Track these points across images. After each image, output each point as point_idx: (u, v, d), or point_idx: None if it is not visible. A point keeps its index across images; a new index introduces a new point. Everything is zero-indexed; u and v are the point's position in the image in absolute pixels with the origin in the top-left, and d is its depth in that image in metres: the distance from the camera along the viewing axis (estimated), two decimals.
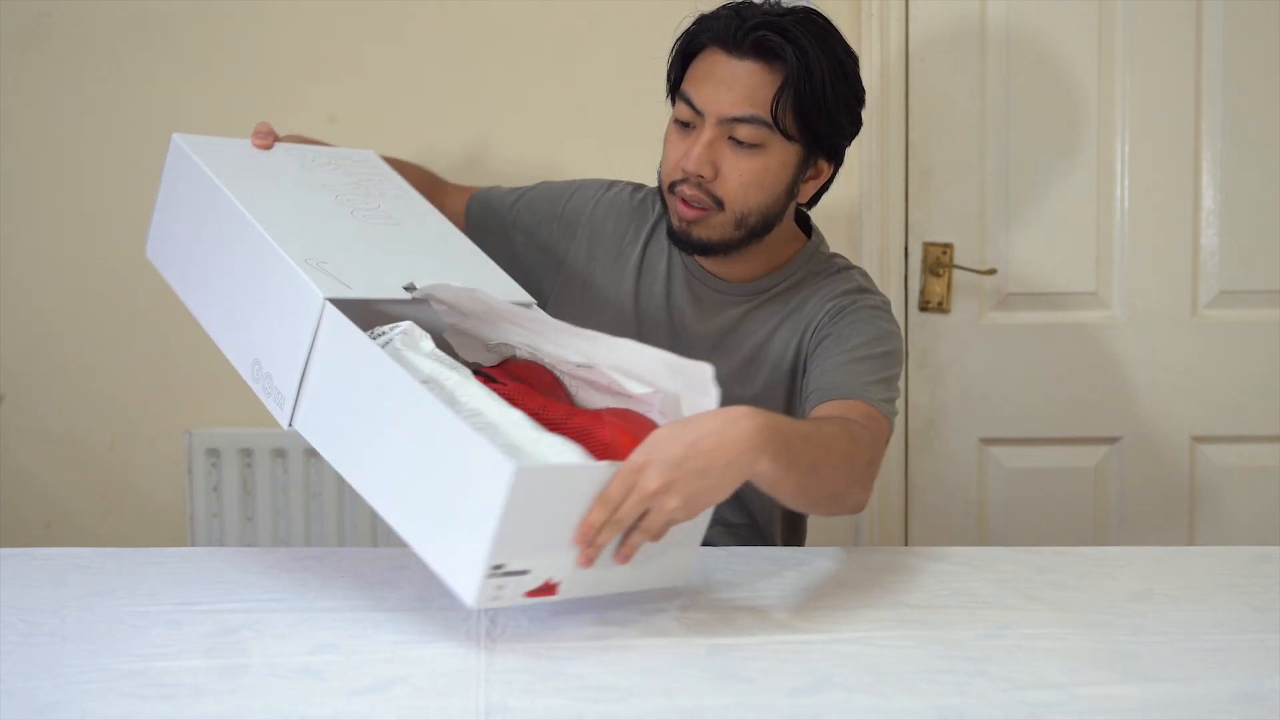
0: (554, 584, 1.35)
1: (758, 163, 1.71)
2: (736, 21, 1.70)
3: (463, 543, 1.30)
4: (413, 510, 1.37)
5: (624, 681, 1.25)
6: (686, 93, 1.73)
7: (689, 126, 1.73)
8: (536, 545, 1.31)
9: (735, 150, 1.71)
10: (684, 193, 1.73)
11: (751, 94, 1.69)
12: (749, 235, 1.75)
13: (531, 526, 1.30)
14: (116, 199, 2.57)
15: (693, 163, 1.70)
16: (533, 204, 1.96)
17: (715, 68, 1.71)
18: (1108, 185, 2.56)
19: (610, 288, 1.87)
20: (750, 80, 1.69)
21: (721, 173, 1.71)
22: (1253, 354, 2.57)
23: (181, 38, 2.55)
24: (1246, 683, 1.23)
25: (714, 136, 1.70)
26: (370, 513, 2.55)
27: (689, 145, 1.71)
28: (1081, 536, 2.59)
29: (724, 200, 1.72)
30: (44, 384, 2.59)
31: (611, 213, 1.92)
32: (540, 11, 2.54)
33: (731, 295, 1.84)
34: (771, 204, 1.74)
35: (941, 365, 2.58)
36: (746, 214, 1.73)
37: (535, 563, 1.32)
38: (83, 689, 1.23)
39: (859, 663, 1.29)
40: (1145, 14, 2.53)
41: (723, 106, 1.70)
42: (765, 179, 1.72)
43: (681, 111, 1.74)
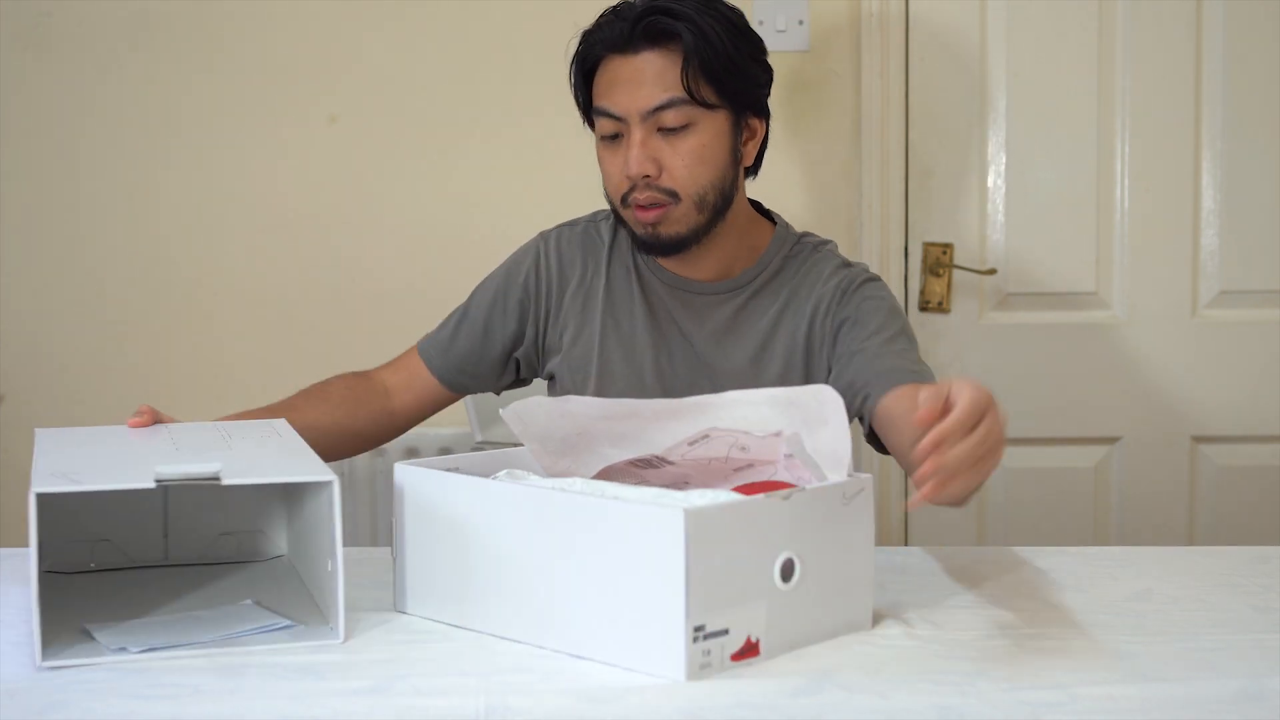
0: (755, 642, 1.28)
1: (694, 141, 1.71)
2: (620, 23, 1.71)
3: (657, 618, 1.23)
4: (598, 619, 1.28)
5: (624, 681, 1.24)
6: (601, 107, 1.74)
7: (616, 138, 1.74)
8: (728, 599, 1.25)
9: (668, 139, 1.71)
10: (637, 199, 1.73)
11: (661, 79, 1.70)
12: (714, 216, 1.75)
13: (717, 577, 1.24)
14: (116, 199, 2.57)
15: (634, 166, 1.70)
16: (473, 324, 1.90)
17: (618, 72, 1.72)
18: (1108, 185, 2.56)
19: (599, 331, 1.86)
20: (654, 68, 1.70)
21: (664, 165, 1.71)
22: (1253, 354, 2.57)
23: (181, 38, 2.55)
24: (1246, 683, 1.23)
25: (644, 134, 1.71)
26: (370, 512, 2.55)
27: (623, 153, 1.72)
28: (1081, 536, 2.59)
29: (677, 190, 1.72)
30: (44, 384, 2.59)
31: (560, 257, 1.88)
32: (540, 11, 2.55)
33: (719, 294, 1.83)
34: (722, 176, 1.74)
35: (941, 365, 2.58)
36: (703, 194, 1.73)
37: (731, 619, 1.26)
38: (83, 689, 1.23)
39: (859, 663, 1.29)
40: (1145, 14, 2.53)
41: (640, 102, 1.70)
42: (706, 154, 1.72)
43: (604, 126, 1.74)
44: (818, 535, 1.32)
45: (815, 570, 1.32)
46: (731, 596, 1.25)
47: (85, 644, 1.33)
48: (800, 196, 2.55)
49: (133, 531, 1.59)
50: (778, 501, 1.29)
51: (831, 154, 2.57)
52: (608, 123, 1.73)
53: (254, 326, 2.59)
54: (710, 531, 1.23)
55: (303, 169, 2.57)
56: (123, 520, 1.58)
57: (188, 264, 2.58)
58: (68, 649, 1.31)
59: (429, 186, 2.58)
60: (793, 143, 2.54)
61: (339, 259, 2.58)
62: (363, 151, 2.57)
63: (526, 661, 1.30)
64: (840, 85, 2.55)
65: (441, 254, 2.57)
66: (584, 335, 1.86)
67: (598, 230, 1.90)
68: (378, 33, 2.56)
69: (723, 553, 1.24)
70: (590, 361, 1.85)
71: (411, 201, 2.58)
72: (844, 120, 2.56)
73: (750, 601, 1.27)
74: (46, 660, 1.28)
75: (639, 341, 1.84)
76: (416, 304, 2.56)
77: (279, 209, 2.58)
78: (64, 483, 1.29)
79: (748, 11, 2.50)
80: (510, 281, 1.90)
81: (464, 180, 2.58)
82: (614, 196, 1.77)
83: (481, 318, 1.90)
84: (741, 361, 1.81)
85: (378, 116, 2.57)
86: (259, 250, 2.58)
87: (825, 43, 2.54)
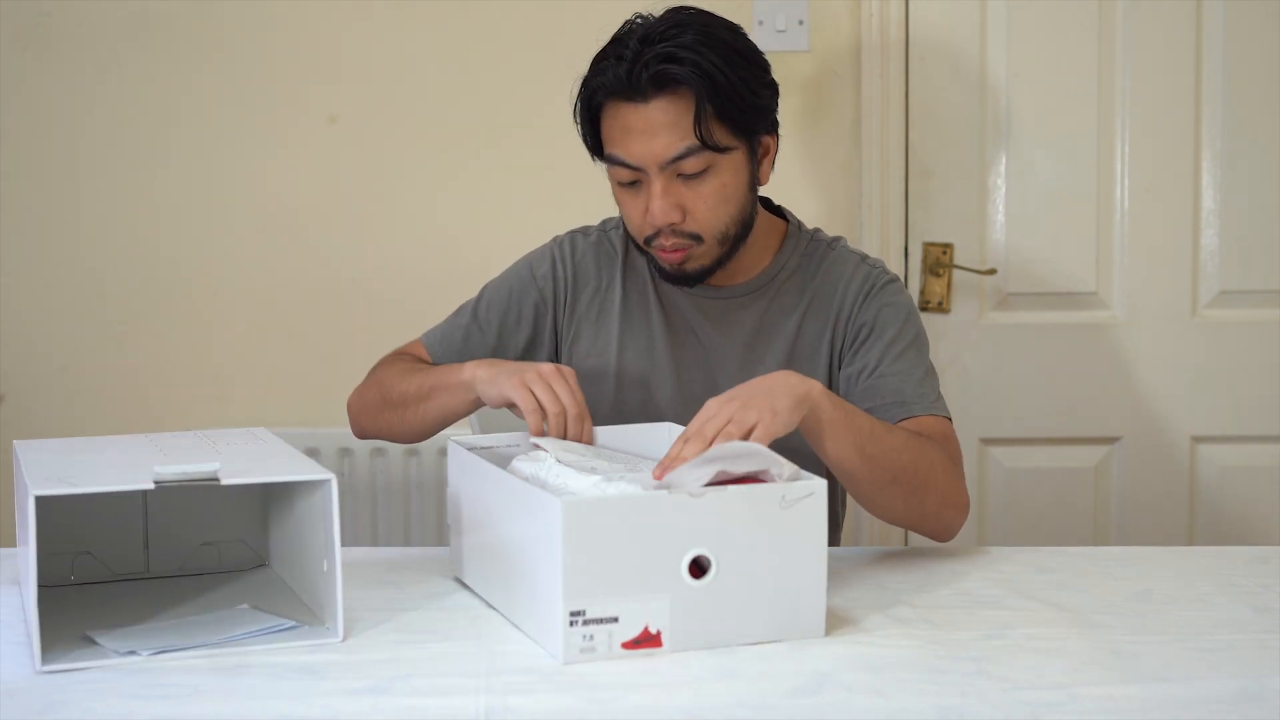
0: (656, 633, 1.31)
1: (714, 184, 1.69)
2: (623, 68, 1.66)
3: (544, 598, 1.31)
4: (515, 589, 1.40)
5: (624, 681, 1.24)
6: (616, 156, 1.71)
7: (634, 184, 1.72)
8: (617, 588, 1.29)
9: (689, 184, 1.69)
10: (662, 244, 1.72)
11: (675, 128, 1.66)
12: (735, 245, 1.75)
13: (603, 566, 1.28)
14: (116, 199, 2.57)
15: (659, 216, 1.69)
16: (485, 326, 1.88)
17: (628, 120, 1.68)
18: (1108, 185, 2.56)
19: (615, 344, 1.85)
20: (666, 117, 1.66)
21: (688, 210, 1.70)
22: (1253, 354, 2.57)
23: (181, 38, 2.55)
24: (1246, 683, 1.23)
25: (664, 184, 1.68)
26: (369, 512, 2.56)
27: (644, 201, 1.70)
28: (1081, 536, 2.59)
29: (701, 233, 1.71)
30: (44, 384, 2.59)
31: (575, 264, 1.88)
32: (540, 11, 2.55)
33: (740, 297, 1.83)
34: (742, 209, 1.74)
35: (941, 365, 2.57)
36: (725, 232, 1.73)
37: (623, 608, 1.30)
38: (83, 689, 1.23)
39: (859, 663, 1.29)
40: (1145, 14, 2.53)
41: (657, 152, 1.67)
42: (728, 193, 1.71)
43: (620, 174, 1.72)
44: (746, 537, 1.33)
45: (742, 571, 1.33)
46: (623, 587, 1.29)
47: (85, 649, 1.33)
48: (800, 196, 2.55)
49: (113, 543, 1.59)
50: (684, 499, 1.31)
51: (831, 154, 2.57)
52: (624, 171, 1.71)
53: (254, 326, 2.59)
54: (591, 522, 1.28)
55: (303, 169, 2.57)
56: (103, 532, 1.58)
57: (187, 264, 2.58)
58: (67, 654, 1.31)
59: (429, 186, 2.58)
60: (793, 143, 2.54)
61: (339, 259, 2.58)
62: (363, 151, 2.57)
63: (526, 662, 1.30)
64: (840, 85, 2.55)
65: (441, 254, 2.57)
66: (599, 348, 1.85)
67: (610, 240, 1.89)
68: (378, 33, 2.56)
69: (610, 544, 1.28)
70: (608, 375, 1.83)
71: (411, 201, 2.58)
72: (844, 120, 2.56)
73: (650, 594, 1.30)
74: (46, 665, 1.28)
75: (657, 351, 1.83)
76: (416, 304, 2.56)
77: (279, 209, 2.58)
78: (61, 486, 1.29)
79: (747, 12, 2.51)
80: (525, 285, 1.88)
81: (464, 180, 2.58)
82: (636, 235, 1.76)
83: (495, 321, 1.88)
84: (773, 368, 1.78)
85: (378, 116, 2.57)
86: (259, 250, 2.58)
87: (825, 43, 2.54)
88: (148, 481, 1.30)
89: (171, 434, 1.62)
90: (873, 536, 2.57)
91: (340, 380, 2.57)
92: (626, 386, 1.83)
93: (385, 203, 2.58)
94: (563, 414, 1.56)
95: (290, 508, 1.51)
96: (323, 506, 1.36)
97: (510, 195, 2.57)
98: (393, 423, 1.81)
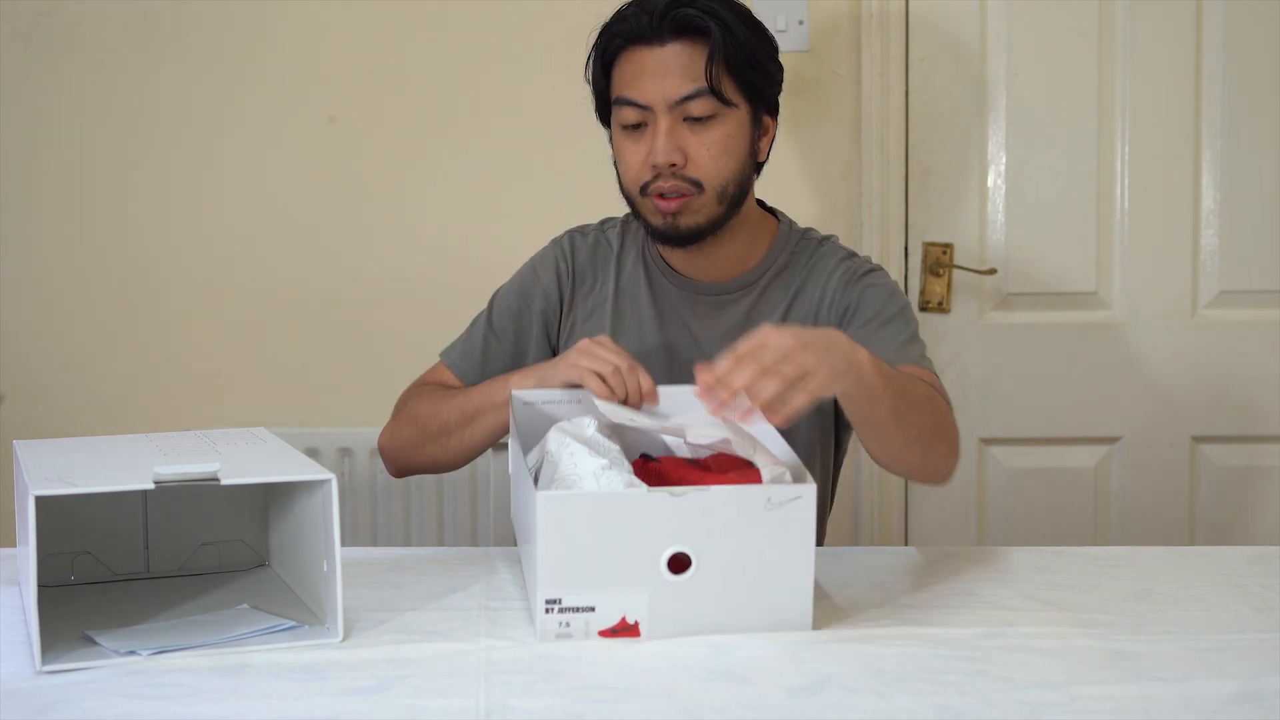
0: (634, 624, 1.35)
1: (719, 132, 1.73)
2: (645, 15, 1.72)
3: (532, 581, 1.38)
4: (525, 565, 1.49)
5: (624, 681, 1.25)
6: (626, 96, 1.74)
7: (639, 128, 1.75)
8: (595, 579, 1.33)
9: (694, 129, 1.73)
10: (660, 188, 1.74)
11: (688, 71, 1.72)
12: (731, 208, 1.77)
13: (582, 558, 1.33)
14: (116, 199, 2.57)
15: (661, 154, 1.71)
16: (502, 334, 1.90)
17: (644, 62, 1.73)
18: (1108, 185, 2.56)
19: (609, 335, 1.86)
20: (681, 59, 1.72)
21: (690, 155, 1.73)
22: (1253, 354, 2.57)
23: (181, 38, 2.55)
24: (1246, 683, 1.23)
25: (671, 123, 1.72)
26: (368, 511, 2.56)
27: (646, 146, 1.73)
28: (1081, 536, 2.59)
29: (701, 180, 1.73)
30: (44, 384, 2.59)
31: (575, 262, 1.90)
32: (540, 11, 2.55)
33: (729, 293, 1.84)
34: (741, 169, 1.77)
35: (941, 365, 2.57)
36: (725, 186, 1.75)
37: (600, 598, 1.34)
38: (83, 689, 1.23)
39: (859, 663, 1.29)
40: (1145, 14, 2.53)
41: (667, 91, 1.72)
42: (731, 145, 1.74)
43: (627, 115, 1.75)
44: (729, 536, 1.35)
45: (725, 569, 1.35)
46: (601, 579, 1.34)
47: (84, 649, 1.33)
48: (800, 196, 2.55)
49: (113, 544, 1.59)
50: (665, 497, 1.33)
51: (831, 154, 2.57)
52: (631, 112, 1.74)
53: (254, 326, 2.59)
54: (569, 517, 1.33)
55: (302, 169, 2.57)
56: (103, 532, 1.58)
57: (188, 264, 2.58)
58: (67, 654, 1.31)
59: (429, 187, 2.58)
60: (793, 143, 2.54)
61: (339, 259, 2.58)
62: (362, 152, 2.57)
63: (526, 661, 1.30)
64: (840, 85, 2.55)
65: (441, 254, 2.57)
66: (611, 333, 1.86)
67: (606, 238, 1.91)
68: (378, 33, 2.55)
69: (587, 538, 1.33)
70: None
71: (411, 202, 2.58)
72: (844, 120, 2.56)
73: (629, 586, 1.34)
74: (46, 665, 1.28)
75: (648, 345, 1.85)
76: (416, 304, 2.56)
77: (279, 209, 2.58)
78: (61, 486, 1.29)
79: None
80: (532, 287, 1.90)
81: (464, 181, 2.58)
82: (633, 186, 1.77)
83: (510, 327, 1.89)
84: None
85: (378, 116, 2.57)
86: (259, 250, 2.58)
87: (825, 43, 2.54)
88: (148, 481, 1.30)
89: (171, 434, 1.62)
90: (873, 536, 2.58)
91: (340, 380, 2.58)
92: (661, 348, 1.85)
93: (385, 203, 2.58)
94: (617, 371, 1.58)
95: (290, 508, 1.51)
96: (323, 506, 1.36)
97: (510, 195, 2.56)
98: (437, 454, 1.81)
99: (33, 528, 1.28)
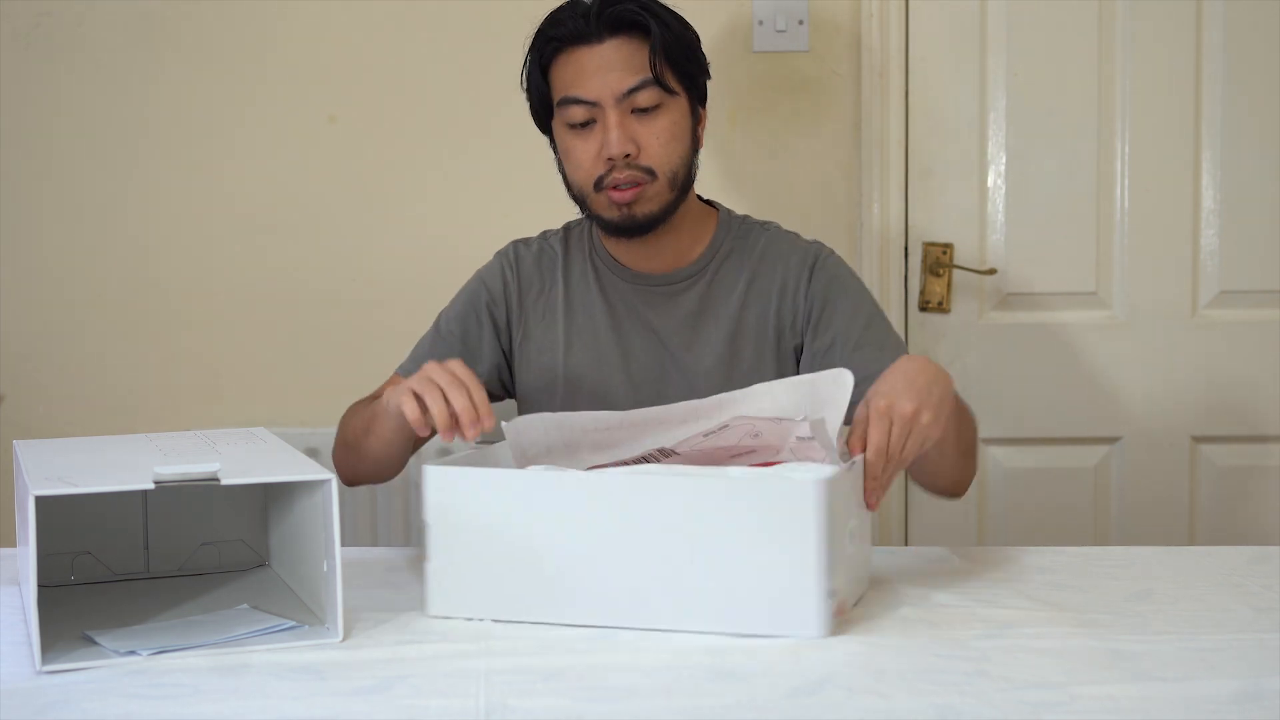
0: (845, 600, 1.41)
1: (665, 120, 1.78)
2: (579, 17, 1.77)
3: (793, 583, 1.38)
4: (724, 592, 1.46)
5: (624, 681, 1.24)
6: (572, 95, 1.78)
7: (587, 125, 1.78)
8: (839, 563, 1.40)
9: (642, 119, 1.77)
10: (615, 180, 1.77)
11: (630, 64, 1.76)
12: (680, 194, 1.82)
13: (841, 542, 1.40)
14: (116, 199, 2.57)
15: (615, 146, 1.75)
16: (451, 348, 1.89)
17: (584, 61, 1.77)
18: (1108, 185, 2.56)
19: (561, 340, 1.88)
20: (621, 54, 1.76)
21: (641, 144, 1.77)
22: (1253, 354, 2.57)
23: (181, 38, 2.55)
24: (1246, 683, 1.23)
25: (619, 116, 1.76)
26: (368, 511, 2.56)
27: (596, 142, 1.77)
28: (1081, 536, 2.59)
29: (654, 167, 1.78)
30: (44, 384, 2.59)
31: (520, 270, 1.92)
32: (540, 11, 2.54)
33: (680, 282, 1.88)
34: (687, 155, 1.82)
35: (941, 365, 2.57)
36: (675, 172, 1.79)
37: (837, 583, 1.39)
38: (83, 689, 1.23)
39: (859, 663, 1.29)
40: (1145, 14, 2.53)
41: (613, 85, 1.76)
42: (677, 131, 1.79)
43: (575, 114, 1.78)
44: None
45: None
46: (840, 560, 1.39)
47: (84, 649, 1.33)
48: (800, 196, 2.55)
49: (113, 543, 1.59)
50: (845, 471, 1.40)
51: (831, 154, 2.57)
52: (579, 110, 1.77)
53: (254, 326, 2.59)
54: (837, 499, 1.37)
55: (302, 169, 2.57)
56: (103, 532, 1.58)
57: (187, 264, 2.58)
58: (67, 654, 1.31)
59: (429, 187, 2.58)
60: (793, 143, 2.54)
61: (338, 259, 2.58)
62: (362, 152, 2.57)
63: (526, 661, 1.30)
64: (840, 85, 2.55)
65: (441, 255, 2.57)
66: (547, 344, 1.89)
67: (550, 245, 1.95)
68: (378, 33, 2.55)
69: (842, 519, 1.39)
70: (556, 371, 1.87)
71: (411, 202, 2.58)
72: (844, 120, 2.56)
73: (839, 565, 1.39)
74: (46, 665, 1.28)
75: (603, 342, 1.87)
76: (415, 305, 2.55)
77: (279, 209, 2.58)
78: (61, 486, 1.29)
79: (747, 12, 2.51)
80: (478, 294, 1.93)
81: (464, 181, 2.58)
82: (585, 183, 1.80)
83: (458, 331, 1.91)
84: (718, 347, 1.85)
85: (377, 116, 2.57)
86: (258, 251, 2.58)
87: (825, 43, 2.54)
88: (148, 481, 1.31)
89: (171, 434, 1.62)
90: (873, 536, 2.57)
91: (339, 380, 2.57)
92: (576, 379, 1.87)
93: (384, 203, 2.58)
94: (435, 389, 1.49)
95: (290, 508, 1.51)
96: (323, 506, 1.36)
97: (510, 195, 2.56)
98: (355, 465, 1.80)
99: (33, 528, 1.28)
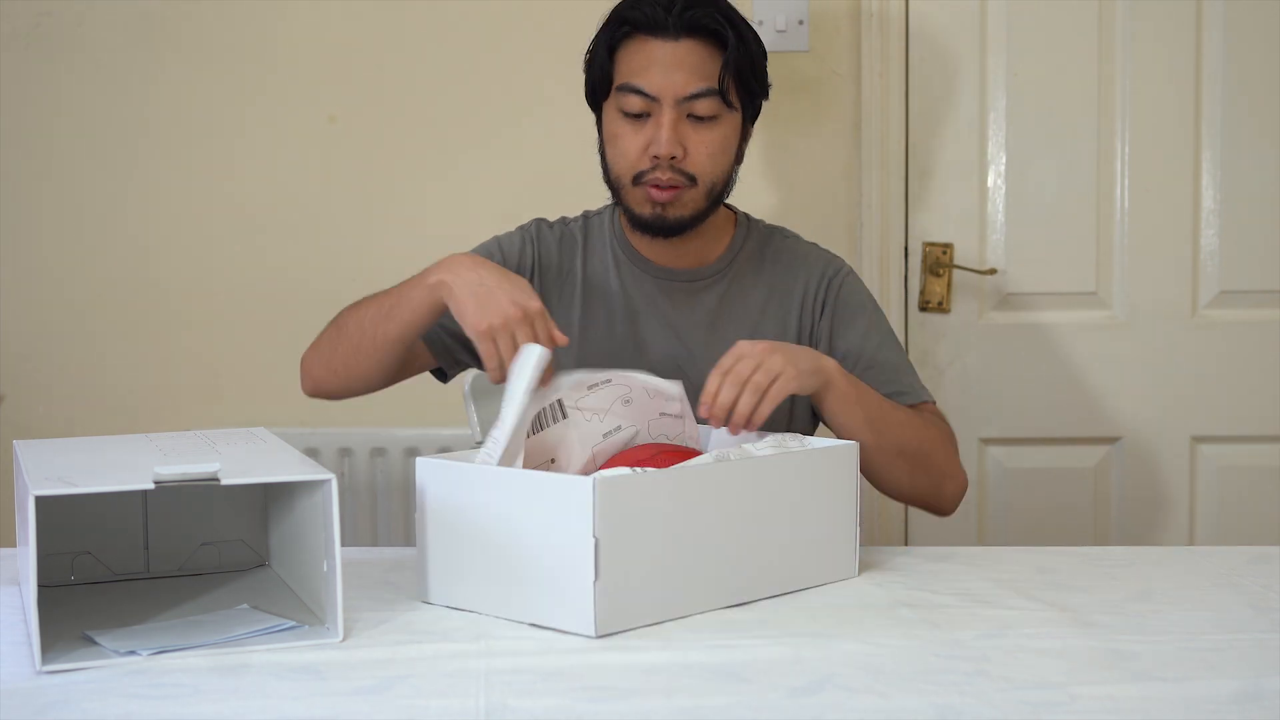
0: None
1: (717, 133, 1.78)
2: (661, 8, 1.75)
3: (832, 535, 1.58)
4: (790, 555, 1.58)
5: (624, 682, 1.24)
6: (634, 84, 1.77)
7: (641, 117, 1.77)
8: None
9: (696, 126, 1.77)
10: (657, 179, 1.77)
11: (699, 70, 1.75)
12: (714, 204, 1.82)
13: None
14: (116, 199, 2.57)
15: (665, 146, 1.75)
16: None
17: (654, 53, 1.76)
18: (1107, 185, 2.56)
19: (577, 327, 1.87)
20: (692, 57, 1.75)
21: (689, 150, 1.77)
22: (1253, 354, 2.57)
23: (181, 38, 2.55)
24: (1246, 683, 1.23)
25: (675, 117, 1.76)
26: (368, 511, 2.56)
27: (650, 132, 1.76)
28: (1081, 536, 2.59)
29: (696, 175, 1.78)
30: (44, 384, 2.59)
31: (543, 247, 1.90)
32: (540, 11, 2.55)
33: (702, 280, 1.88)
34: (729, 170, 1.82)
35: (941, 365, 2.58)
36: (715, 184, 1.80)
37: None
38: (83, 689, 1.23)
39: (859, 663, 1.29)
40: (1145, 14, 2.53)
41: (677, 87, 1.75)
42: (726, 146, 1.80)
43: (631, 103, 1.77)
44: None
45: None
46: None
47: (84, 649, 1.33)
48: (801, 196, 2.55)
49: (113, 544, 1.59)
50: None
51: (831, 154, 2.57)
52: (636, 100, 1.77)
53: (254, 326, 2.59)
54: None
55: (302, 169, 2.57)
56: (103, 532, 1.58)
57: (187, 263, 2.58)
58: (67, 654, 1.31)
59: (428, 187, 2.58)
60: (793, 143, 2.54)
61: (338, 259, 2.58)
62: (362, 151, 2.57)
63: (526, 661, 1.30)
64: (840, 85, 2.55)
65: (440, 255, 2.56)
66: (560, 328, 1.86)
67: (571, 231, 1.93)
68: (378, 33, 2.56)
69: None
70: (568, 356, 1.85)
71: (411, 202, 2.58)
72: (844, 120, 2.56)
73: None
74: (46, 665, 1.28)
75: (618, 332, 1.87)
76: None
77: (278, 209, 2.58)
78: (61, 486, 1.29)
79: (747, 12, 2.51)
80: (495, 255, 1.89)
81: (463, 180, 2.58)
82: (626, 173, 1.79)
83: None
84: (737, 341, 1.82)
85: (377, 116, 2.57)
86: (258, 250, 2.58)
87: (825, 43, 2.54)
88: (148, 481, 1.30)
89: (171, 434, 1.62)
90: (873, 536, 2.57)
91: None
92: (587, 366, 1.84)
93: (384, 202, 2.58)
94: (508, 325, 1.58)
95: (290, 508, 1.51)
96: (323, 506, 1.36)
97: (510, 195, 2.56)
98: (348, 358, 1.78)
99: (33, 528, 1.28)
